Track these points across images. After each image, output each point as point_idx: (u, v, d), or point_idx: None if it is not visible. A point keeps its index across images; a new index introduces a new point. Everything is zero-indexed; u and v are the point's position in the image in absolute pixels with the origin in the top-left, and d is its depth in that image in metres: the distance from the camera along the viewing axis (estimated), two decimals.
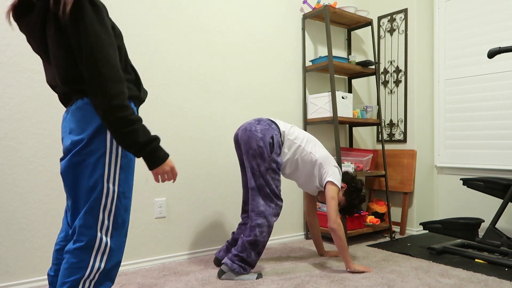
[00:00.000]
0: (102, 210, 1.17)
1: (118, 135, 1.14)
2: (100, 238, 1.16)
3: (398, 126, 3.43)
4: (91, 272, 1.15)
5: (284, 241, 3.04)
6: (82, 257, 1.15)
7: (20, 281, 2.02)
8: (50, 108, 2.11)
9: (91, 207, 1.16)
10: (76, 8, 1.07)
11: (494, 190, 2.60)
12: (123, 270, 2.32)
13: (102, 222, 1.17)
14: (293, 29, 3.13)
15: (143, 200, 2.41)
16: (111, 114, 1.11)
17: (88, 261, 1.15)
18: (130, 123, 1.14)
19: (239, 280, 2.11)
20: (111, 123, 1.12)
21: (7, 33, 2.00)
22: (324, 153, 2.29)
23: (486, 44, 3.09)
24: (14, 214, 2.01)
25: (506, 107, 2.96)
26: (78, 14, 1.08)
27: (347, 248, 2.22)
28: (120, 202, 1.20)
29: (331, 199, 2.19)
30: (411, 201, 3.31)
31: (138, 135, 1.15)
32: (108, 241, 1.18)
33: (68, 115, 1.22)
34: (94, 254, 1.16)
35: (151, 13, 2.44)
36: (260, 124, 2.17)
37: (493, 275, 2.20)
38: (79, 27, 1.08)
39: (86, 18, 1.08)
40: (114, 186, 1.18)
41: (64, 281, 1.14)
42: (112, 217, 1.19)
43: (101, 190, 1.16)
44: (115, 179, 1.19)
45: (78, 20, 1.08)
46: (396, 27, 3.45)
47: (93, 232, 1.16)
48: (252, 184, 2.14)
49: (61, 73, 1.16)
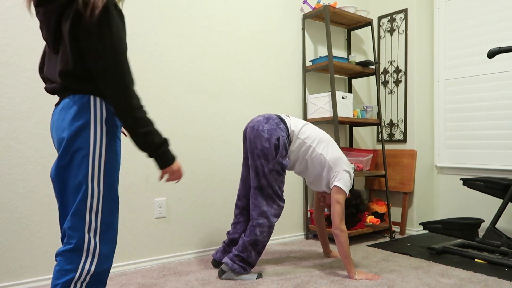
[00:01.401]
0: (88, 212, 1.16)
1: (136, 135, 1.18)
2: (88, 239, 1.16)
3: (398, 126, 3.43)
4: (81, 274, 1.15)
5: (284, 241, 3.04)
6: (72, 259, 1.14)
7: (20, 281, 2.02)
8: (50, 108, 2.11)
9: (78, 209, 1.15)
10: (104, 13, 1.11)
11: (494, 190, 2.59)
12: (123, 270, 2.32)
13: (90, 224, 1.17)
14: (293, 29, 3.13)
15: (143, 200, 2.41)
16: (131, 114, 1.16)
17: (78, 263, 1.15)
18: (147, 124, 1.18)
19: (239, 280, 2.11)
20: (131, 123, 1.16)
21: (7, 33, 2.00)
22: (336, 154, 2.21)
23: (486, 44, 3.09)
24: (14, 214, 2.01)
25: (506, 107, 2.96)
26: (105, 19, 1.12)
27: (349, 255, 2.14)
28: (107, 202, 1.20)
29: (336, 204, 2.14)
30: (411, 201, 3.31)
31: (154, 136, 1.20)
32: (97, 243, 1.17)
33: (57, 113, 1.21)
34: (84, 256, 1.16)
35: (151, 13, 2.44)
36: (268, 123, 2.13)
37: (493, 275, 2.20)
38: (104, 30, 1.12)
39: (113, 23, 1.13)
40: (99, 187, 1.18)
41: (55, 283, 1.14)
42: (99, 218, 1.18)
43: (85, 190, 1.16)
44: (99, 180, 1.18)
45: (104, 24, 1.12)
46: (396, 27, 3.45)
47: (81, 233, 1.15)
48: (255, 184, 2.13)
49: (63, 66, 1.18)
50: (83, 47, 1.14)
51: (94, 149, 1.17)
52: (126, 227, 2.35)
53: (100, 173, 1.18)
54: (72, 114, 1.16)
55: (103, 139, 1.18)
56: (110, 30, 1.13)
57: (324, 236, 2.58)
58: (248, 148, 2.16)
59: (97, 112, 1.18)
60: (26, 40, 2.04)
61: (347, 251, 2.12)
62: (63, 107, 1.19)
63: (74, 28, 1.14)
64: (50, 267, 2.10)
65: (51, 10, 1.18)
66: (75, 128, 1.15)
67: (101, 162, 1.18)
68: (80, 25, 1.13)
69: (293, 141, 2.19)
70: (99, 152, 1.18)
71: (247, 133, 2.18)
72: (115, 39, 1.13)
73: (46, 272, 2.09)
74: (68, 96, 1.19)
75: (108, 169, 1.20)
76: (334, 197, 2.16)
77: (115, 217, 1.24)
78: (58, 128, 1.19)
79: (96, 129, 1.17)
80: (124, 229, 2.34)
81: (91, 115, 1.17)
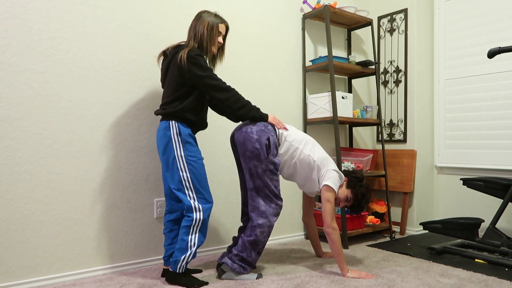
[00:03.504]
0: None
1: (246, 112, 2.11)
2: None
3: (398, 126, 3.43)
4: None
5: (284, 241, 3.04)
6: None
7: (20, 281, 2.02)
8: (50, 108, 2.11)
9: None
10: (187, 62, 1.98)
11: (494, 190, 2.60)
12: (123, 270, 2.32)
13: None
14: (293, 29, 3.13)
15: (143, 200, 2.41)
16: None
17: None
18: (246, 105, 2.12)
19: (239, 280, 2.11)
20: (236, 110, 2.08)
21: (7, 33, 2.00)
22: (323, 155, 2.24)
23: (486, 44, 3.09)
24: (14, 214, 2.01)
25: (506, 107, 2.96)
26: (188, 66, 1.98)
27: (342, 253, 2.15)
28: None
29: (327, 202, 2.15)
30: (411, 201, 3.31)
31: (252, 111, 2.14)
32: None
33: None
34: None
35: (151, 13, 2.44)
36: (255, 126, 2.13)
37: (493, 275, 2.20)
38: (189, 72, 2.00)
39: (192, 68, 1.99)
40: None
41: (183, 225, 2.02)
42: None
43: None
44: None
45: (187, 68, 1.99)
46: (396, 27, 3.45)
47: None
48: (251, 186, 2.13)
49: (165, 97, 2.08)
50: (176, 82, 2.11)
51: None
52: (126, 227, 2.35)
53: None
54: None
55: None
56: (190, 71, 2.05)
57: (315, 239, 2.58)
58: (239, 152, 2.15)
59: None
60: (26, 40, 2.04)
61: (340, 249, 2.14)
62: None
63: (176, 71, 2.06)
64: (50, 267, 2.11)
65: (166, 62, 2.16)
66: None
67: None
68: (179, 69, 2.06)
69: (281, 144, 2.18)
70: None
71: (236, 137, 2.17)
72: (195, 77, 2.04)
73: (46, 272, 2.09)
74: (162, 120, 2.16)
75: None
76: (324, 196, 2.17)
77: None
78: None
79: None
80: (124, 229, 2.34)
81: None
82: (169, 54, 2.10)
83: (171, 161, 2.01)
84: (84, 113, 2.22)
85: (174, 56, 2.05)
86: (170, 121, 2.02)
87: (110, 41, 2.29)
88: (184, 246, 1.98)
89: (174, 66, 2.03)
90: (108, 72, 2.29)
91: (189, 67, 1.97)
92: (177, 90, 2.03)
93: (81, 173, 2.20)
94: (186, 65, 1.97)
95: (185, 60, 1.96)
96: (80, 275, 2.19)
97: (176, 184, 2.01)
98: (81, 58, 2.21)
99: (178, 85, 2.03)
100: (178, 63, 1.99)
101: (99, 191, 2.26)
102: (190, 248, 1.99)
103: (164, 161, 2.05)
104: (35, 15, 2.07)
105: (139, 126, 2.40)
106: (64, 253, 2.15)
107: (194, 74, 1.98)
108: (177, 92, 2.03)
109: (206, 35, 2.07)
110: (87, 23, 2.22)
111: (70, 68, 2.17)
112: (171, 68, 2.06)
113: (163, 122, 2.05)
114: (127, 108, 2.36)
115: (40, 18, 2.08)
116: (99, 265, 2.26)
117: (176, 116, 2.02)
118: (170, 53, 2.09)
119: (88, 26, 2.23)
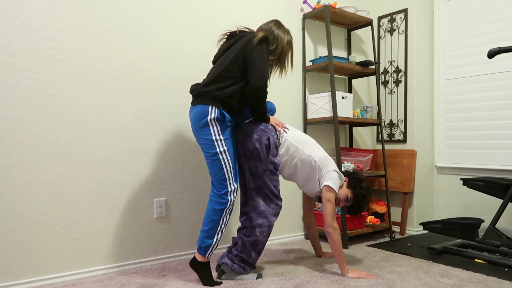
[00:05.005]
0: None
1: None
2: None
3: (398, 126, 3.43)
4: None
5: (284, 241, 3.04)
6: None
7: (20, 281, 2.02)
8: (50, 108, 2.11)
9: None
10: (255, 47, 2.02)
11: (494, 190, 2.60)
12: (123, 270, 2.32)
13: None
14: (293, 29, 3.13)
15: (143, 200, 2.41)
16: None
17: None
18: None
19: (239, 280, 2.11)
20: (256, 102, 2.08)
21: (7, 33, 2.00)
22: (324, 155, 2.24)
23: (486, 44, 3.09)
24: (14, 214, 2.01)
25: (506, 107, 2.96)
26: (255, 50, 2.02)
27: (342, 253, 2.16)
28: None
29: (327, 202, 2.16)
30: (411, 201, 3.31)
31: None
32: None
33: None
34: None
35: (151, 13, 2.44)
36: (256, 125, 2.14)
37: (493, 275, 2.20)
38: (254, 55, 2.03)
39: (259, 53, 2.03)
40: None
41: (209, 208, 2.09)
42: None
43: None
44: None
45: (253, 53, 2.03)
46: (396, 27, 3.45)
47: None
48: (251, 185, 2.13)
49: (216, 72, 2.06)
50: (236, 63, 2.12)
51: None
52: (126, 227, 2.35)
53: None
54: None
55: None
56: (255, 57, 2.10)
57: (315, 239, 2.58)
58: (239, 151, 2.15)
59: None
60: (26, 40, 2.04)
61: (340, 249, 2.15)
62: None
63: (240, 52, 2.08)
64: (50, 267, 2.11)
65: (228, 43, 2.18)
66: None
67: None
68: (245, 52, 2.09)
69: (281, 144, 2.18)
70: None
71: (236, 137, 2.17)
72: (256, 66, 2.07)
73: (46, 272, 2.09)
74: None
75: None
76: (325, 196, 2.17)
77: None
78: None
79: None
80: (124, 229, 2.34)
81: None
82: (237, 35, 2.15)
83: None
84: (84, 113, 2.22)
85: (242, 37, 2.11)
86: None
87: (110, 41, 2.30)
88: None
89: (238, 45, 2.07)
90: (108, 72, 2.29)
91: (257, 46, 2.01)
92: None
93: (81, 173, 2.20)
94: (256, 43, 2.01)
95: (258, 39, 2.02)
96: (80, 275, 2.19)
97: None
98: (81, 58, 2.21)
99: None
100: (247, 39, 2.05)
101: (99, 191, 2.26)
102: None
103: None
104: (35, 15, 2.07)
105: (139, 126, 2.40)
106: (64, 253, 2.15)
107: (254, 55, 2.01)
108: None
109: (284, 50, 2.21)
110: (87, 23, 2.22)
111: (70, 68, 2.17)
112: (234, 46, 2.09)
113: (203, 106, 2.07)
114: (127, 108, 2.36)
115: (40, 18, 2.08)
116: (99, 265, 2.26)
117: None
118: (238, 35, 2.15)
119: (88, 26, 2.23)
